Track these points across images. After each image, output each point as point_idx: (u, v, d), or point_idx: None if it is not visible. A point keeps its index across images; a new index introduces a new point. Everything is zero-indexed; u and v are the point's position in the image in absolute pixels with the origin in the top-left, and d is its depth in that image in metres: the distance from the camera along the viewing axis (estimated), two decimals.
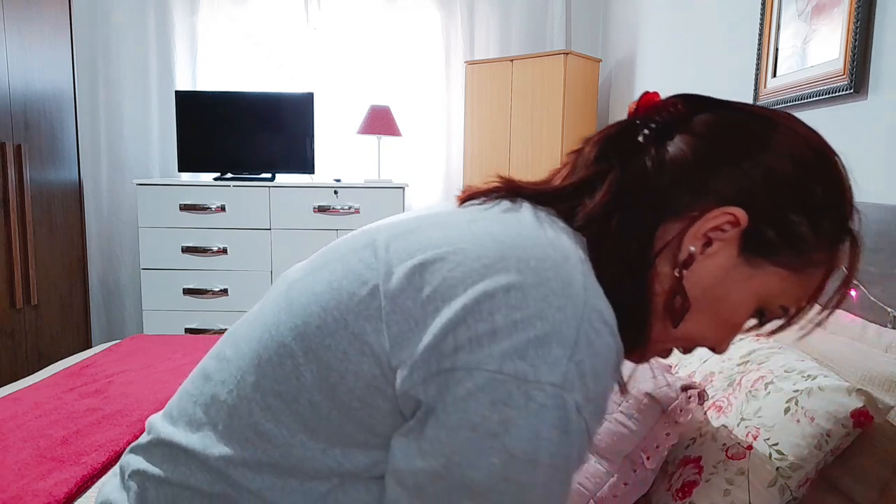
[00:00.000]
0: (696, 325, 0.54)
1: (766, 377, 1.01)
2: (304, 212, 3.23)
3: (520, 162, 3.17)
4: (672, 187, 0.52)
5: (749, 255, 0.52)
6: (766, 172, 0.51)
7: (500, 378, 0.42)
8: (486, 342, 0.42)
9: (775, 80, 1.54)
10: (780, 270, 0.53)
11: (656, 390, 0.96)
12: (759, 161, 0.51)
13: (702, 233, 0.51)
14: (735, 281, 0.53)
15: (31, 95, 2.59)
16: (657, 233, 0.52)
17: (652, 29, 2.67)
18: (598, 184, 0.53)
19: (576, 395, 0.42)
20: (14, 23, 2.46)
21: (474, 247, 0.47)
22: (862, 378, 0.99)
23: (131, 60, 3.46)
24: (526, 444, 0.42)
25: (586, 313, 0.44)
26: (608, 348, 0.45)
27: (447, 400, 0.43)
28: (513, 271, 0.45)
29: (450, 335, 0.43)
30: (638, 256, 0.51)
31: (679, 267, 0.51)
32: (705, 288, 0.53)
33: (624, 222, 0.51)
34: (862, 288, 1.12)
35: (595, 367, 0.43)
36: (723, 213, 0.51)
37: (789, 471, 0.89)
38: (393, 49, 3.56)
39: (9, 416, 1.41)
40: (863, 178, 1.20)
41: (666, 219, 0.52)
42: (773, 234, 0.52)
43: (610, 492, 0.97)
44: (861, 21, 1.19)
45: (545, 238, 0.49)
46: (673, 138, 0.53)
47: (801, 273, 0.54)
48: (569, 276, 0.46)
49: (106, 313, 3.35)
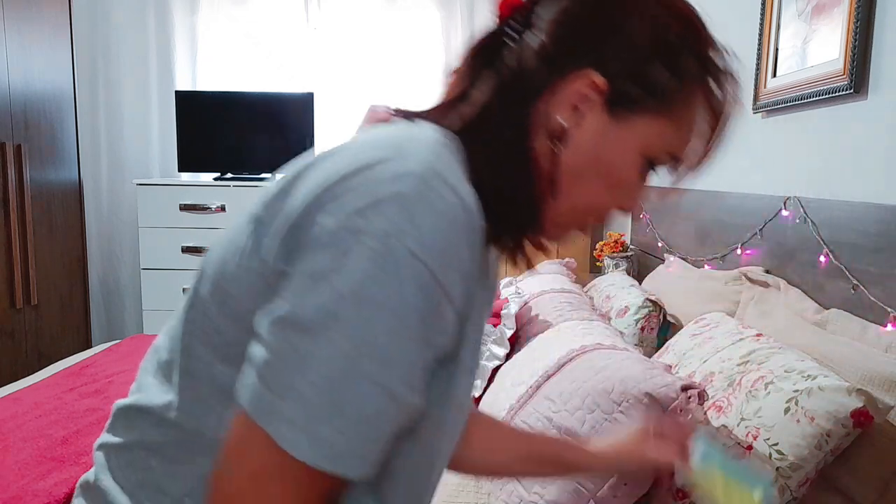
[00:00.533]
0: (592, 192, 0.56)
1: (766, 377, 1.01)
2: None
3: None
4: (533, 70, 0.53)
5: (618, 112, 0.54)
6: (615, 32, 0.53)
7: (340, 234, 0.45)
8: (333, 209, 0.46)
9: (775, 80, 1.54)
10: (651, 119, 0.54)
11: (656, 390, 0.96)
12: (607, 22, 0.54)
13: (566, 102, 0.53)
14: (613, 141, 0.54)
15: (31, 95, 2.59)
16: (530, 117, 0.53)
17: None
18: (473, 91, 0.56)
19: (408, 242, 0.44)
20: (14, 23, 2.46)
21: (341, 152, 0.51)
22: (862, 378, 0.99)
23: (131, 60, 3.45)
24: (355, 284, 0.44)
25: (427, 176, 0.46)
26: (452, 207, 0.46)
27: (296, 262, 0.47)
28: (367, 157, 0.48)
29: (307, 212, 0.47)
30: (515, 140, 0.54)
31: (554, 139, 0.53)
32: (587, 155, 0.54)
33: (496, 113, 0.54)
34: (862, 288, 1.12)
35: (434, 222, 0.45)
36: (577, 77, 0.52)
37: (789, 471, 0.89)
38: (393, 49, 3.56)
39: (9, 416, 1.41)
40: (863, 178, 1.21)
41: (535, 101, 0.53)
42: (634, 87, 0.53)
43: (610, 492, 0.97)
44: (861, 21, 1.19)
45: (406, 131, 0.53)
46: (532, 27, 0.55)
47: (673, 115, 0.55)
48: (416, 150, 0.49)
49: (106, 313, 3.35)
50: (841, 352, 1.06)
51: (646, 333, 1.70)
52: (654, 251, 2.36)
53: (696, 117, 0.56)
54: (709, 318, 1.42)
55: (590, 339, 1.29)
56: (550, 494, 1.01)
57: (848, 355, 1.04)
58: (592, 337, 1.31)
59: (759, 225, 1.53)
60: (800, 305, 1.27)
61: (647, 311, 1.72)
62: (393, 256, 0.44)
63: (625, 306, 1.78)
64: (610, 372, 1.06)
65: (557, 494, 1.00)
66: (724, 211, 1.74)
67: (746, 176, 1.71)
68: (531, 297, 1.75)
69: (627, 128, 0.54)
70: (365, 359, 0.45)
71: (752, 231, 1.55)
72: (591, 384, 1.07)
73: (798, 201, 1.35)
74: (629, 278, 2.09)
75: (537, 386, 1.22)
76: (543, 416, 1.13)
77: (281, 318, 0.46)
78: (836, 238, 1.21)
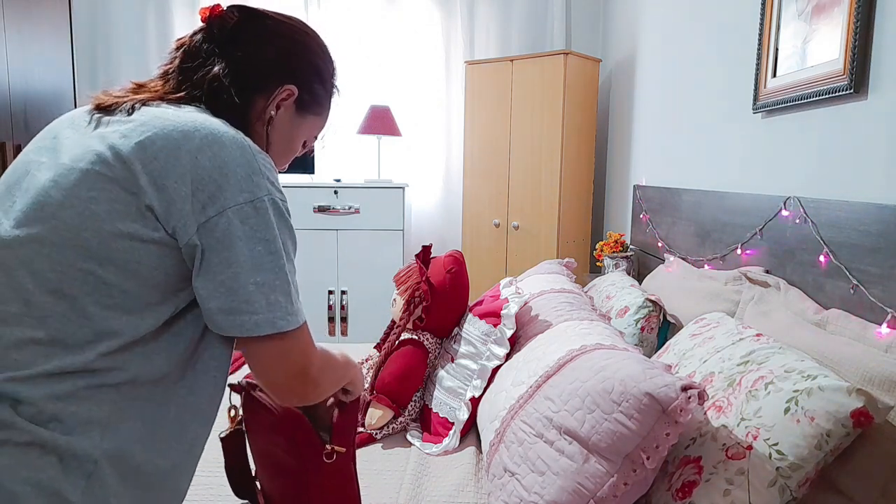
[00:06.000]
0: (280, 152, 0.92)
1: (766, 377, 1.01)
2: (304, 212, 3.23)
3: (520, 162, 3.17)
4: (251, 80, 0.85)
5: (300, 111, 0.91)
6: (303, 63, 0.90)
7: (238, 206, 0.71)
8: (218, 194, 0.70)
9: (775, 80, 1.54)
10: (315, 117, 0.95)
11: (656, 390, 0.96)
12: (297, 56, 0.90)
13: (274, 104, 0.87)
14: (294, 127, 0.92)
15: (31, 95, 2.59)
16: (253, 106, 0.86)
17: (652, 29, 2.67)
18: (195, 83, 0.83)
19: (276, 194, 0.75)
20: (14, 23, 2.46)
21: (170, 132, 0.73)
22: (862, 378, 0.99)
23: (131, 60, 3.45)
24: (267, 230, 0.73)
25: (252, 150, 0.75)
26: (268, 160, 0.77)
27: (216, 235, 0.70)
28: (199, 136, 0.72)
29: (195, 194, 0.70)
30: (240, 124, 0.82)
31: (266, 125, 0.88)
32: (281, 134, 0.91)
33: (229, 104, 0.83)
34: (862, 288, 1.12)
35: (274, 177, 0.77)
36: (284, 90, 0.87)
37: (789, 471, 0.89)
38: (393, 49, 3.56)
39: None
40: (863, 178, 1.21)
41: (253, 99, 0.86)
42: (309, 98, 0.91)
43: (610, 492, 0.97)
44: (861, 21, 1.19)
45: (207, 119, 0.76)
46: (239, 42, 0.85)
47: (324, 115, 0.98)
48: (228, 134, 0.75)
49: None
50: (841, 352, 1.06)
51: (646, 333, 1.70)
52: (654, 251, 2.36)
53: (327, 116, 0.99)
54: (709, 318, 1.42)
55: (590, 339, 1.29)
56: (550, 494, 1.01)
57: (848, 355, 1.04)
58: (592, 337, 1.31)
59: (759, 225, 1.53)
60: (800, 305, 1.27)
61: (647, 311, 1.72)
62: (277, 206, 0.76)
63: (625, 306, 1.78)
64: (610, 372, 1.06)
65: (557, 494, 1.00)
66: (724, 211, 1.74)
67: (746, 176, 1.71)
68: (531, 297, 1.75)
69: (303, 121, 0.93)
70: None
71: (752, 231, 1.55)
72: (591, 384, 1.07)
73: (798, 201, 1.36)
74: (629, 278, 2.09)
75: (537, 386, 1.22)
76: (543, 416, 1.13)
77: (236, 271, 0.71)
78: (836, 238, 1.21)
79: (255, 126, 0.87)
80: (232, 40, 0.85)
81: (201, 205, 0.70)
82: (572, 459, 1.02)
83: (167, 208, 0.69)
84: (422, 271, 1.70)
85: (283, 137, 0.91)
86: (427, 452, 1.45)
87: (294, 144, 0.95)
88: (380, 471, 1.37)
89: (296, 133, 0.93)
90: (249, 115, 0.86)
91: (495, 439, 1.25)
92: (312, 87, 0.91)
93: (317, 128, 0.98)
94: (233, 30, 0.86)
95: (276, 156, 0.92)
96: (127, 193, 0.69)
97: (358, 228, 3.26)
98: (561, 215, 3.08)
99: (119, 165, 0.70)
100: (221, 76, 0.82)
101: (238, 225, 0.71)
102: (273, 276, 0.72)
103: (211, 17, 0.87)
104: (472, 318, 1.65)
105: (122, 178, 0.69)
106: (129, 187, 0.69)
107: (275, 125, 0.89)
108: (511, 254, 3.26)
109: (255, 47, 0.86)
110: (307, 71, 0.91)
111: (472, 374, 1.55)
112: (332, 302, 3.30)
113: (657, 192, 2.38)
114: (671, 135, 2.37)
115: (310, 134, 0.97)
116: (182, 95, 0.82)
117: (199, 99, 0.82)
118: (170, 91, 0.83)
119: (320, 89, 0.93)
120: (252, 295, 0.71)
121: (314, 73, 0.92)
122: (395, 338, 1.66)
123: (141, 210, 0.69)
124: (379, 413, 1.53)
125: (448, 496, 1.25)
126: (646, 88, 2.74)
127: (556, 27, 3.52)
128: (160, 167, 0.70)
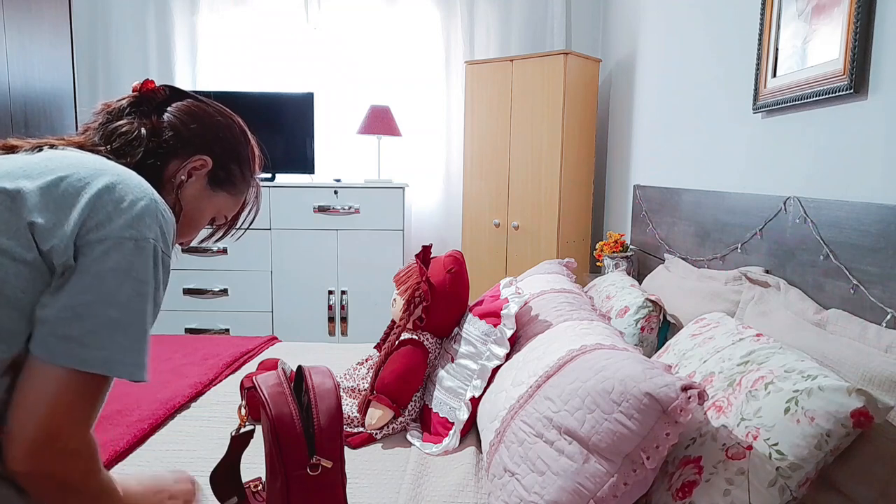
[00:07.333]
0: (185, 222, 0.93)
1: (766, 377, 1.01)
2: (304, 212, 3.23)
3: (520, 162, 3.17)
4: (169, 143, 0.89)
5: (212, 185, 0.94)
6: (220, 140, 0.94)
7: (121, 239, 0.71)
8: (107, 223, 0.70)
9: (775, 80, 1.54)
10: (227, 195, 0.97)
11: (656, 390, 0.96)
12: (215, 132, 0.94)
13: (186, 170, 0.90)
14: (203, 199, 0.94)
15: (31, 95, 2.59)
16: (167, 168, 0.89)
17: (652, 29, 2.67)
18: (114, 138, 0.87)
19: (160, 244, 0.75)
20: (14, 23, 2.46)
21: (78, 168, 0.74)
22: (862, 378, 0.99)
23: (131, 60, 3.45)
24: (143, 272, 0.72)
25: (155, 199, 0.76)
26: (171, 219, 0.79)
27: (88, 260, 0.69)
28: (109, 175, 0.75)
29: (85, 221, 0.70)
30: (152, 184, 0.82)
31: (176, 189, 0.90)
32: (189, 204, 0.92)
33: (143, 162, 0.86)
34: (862, 288, 1.12)
35: (166, 229, 0.77)
36: (198, 159, 0.91)
37: (789, 471, 0.89)
38: (393, 49, 3.56)
39: None
40: (863, 178, 1.21)
41: (168, 161, 0.89)
42: (224, 174, 0.95)
43: (610, 492, 0.97)
44: (861, 21, 1.19)
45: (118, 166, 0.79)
46: (163, 112, 0.91)
47: (237, 196, 0.99)
48: (138, 180, 0.77)
49: None
50: (841, 352, 1.06)
51: (646, 333, 1.70)
52: (654, 251, 2.36)
53: (243, 199, 1.02)
54: (709, 318, 1.42)
55: (590, 339, 1.29)
56: (550, 494, 1.01)
57: (848, 355, 1.04)
58: (592, 337, 1.31)
59: (759, 225, 1.53)
60: (800, 305, 1.27)
61: (647, 311, 1.72)
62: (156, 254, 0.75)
63: (625, 306, 1.78)
64: (610, 372, 1.06)
65: (557, 494, 1.00)
66: (724, 211, 1.74)
67: (746, 176, 1.71)
68: (531, 297, 1.75)
69: (214, 195, 0.95)
70: None
71: (752, 231, 1.55)
72: (591, 384, 1.07)
73: (798, 201, 1.35)
74: (629, 278, 2.09)
75: (537, 386, 1.22)
76: (543, 415, 1.13)
77: (87, 302, 0.69)
78: (836, 238, 1.21)
79: (165, 188, 0.89)
80: (157, 110, 0.91)
81: (87, 229, 0.69)
82: (572, 459, 1.02)
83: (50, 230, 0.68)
84: (422, 271, 1.70)
85: (191, 207, 0.93)
86: (427, 452, 1.45)
87: (201, 217, 0.96)
88: (380, 471, 1.37)
89: (205, 205, 0.95)
90: (162, 176, 0.88)
91: (495, 439, 1.25)
92: (228, 165, 0.95)
93: (228, 208, 0.99)
94: (161, 103, 0.92)
95: (181, 224, 0.92)
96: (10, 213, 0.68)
97: (358, 228, 3.26)
98: (561, 215, 3.08)
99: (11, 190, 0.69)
100: (141, 135, 0.87)
101: (114, 256, 0.69)
102: (130, 318, 0.71)
103: (142, 91, 0.92)
104: (472, 318, 1.65)
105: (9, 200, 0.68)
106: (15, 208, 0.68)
107: (184, 193, 0.91)
108: (511, 254, 3.26)
109: (177, 119, 0.91)
110: (225, 148, 0.94)
111: (472, 374, 1.55)
112: (332, 302, 3.30)
113: (657, 192, 2.38)
114: (671, 135, 2.37)
115: (220, 212, 0.98)
116: (99, 147, 0.84)
117: (116, 153, 0.85)
118: (85, 142, 0.86)
119: (236, 170, 0.96)
120: (99, 328, 0.68)
121: (232, 153, 0.96)
122: (395, 338, 1.66)
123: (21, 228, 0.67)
124: (379, 413, 1.53)
125: (448, 496, 1.25)
126: (646, 88, 2.74)
127: (556, 27, 3.52)
128: (59, 194, 0.70)
